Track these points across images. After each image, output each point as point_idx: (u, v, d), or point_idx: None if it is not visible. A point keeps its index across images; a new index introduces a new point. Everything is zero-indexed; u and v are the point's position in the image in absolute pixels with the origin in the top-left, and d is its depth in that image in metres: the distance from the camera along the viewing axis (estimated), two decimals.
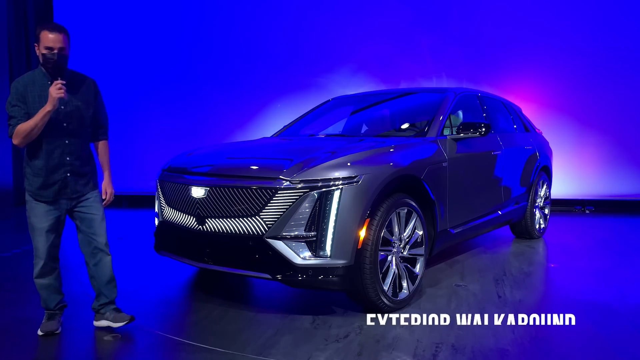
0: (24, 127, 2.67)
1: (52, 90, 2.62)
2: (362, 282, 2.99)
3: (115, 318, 2.96)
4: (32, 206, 2.82)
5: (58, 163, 2.79)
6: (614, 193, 7.97)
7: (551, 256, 4.93)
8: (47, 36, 2.66)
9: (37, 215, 2.80)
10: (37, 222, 2.80)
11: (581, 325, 3.02)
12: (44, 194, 2.79)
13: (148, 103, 8.96)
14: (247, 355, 2.60)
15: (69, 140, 2.82)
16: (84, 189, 2.91)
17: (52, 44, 2.67)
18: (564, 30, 8.00)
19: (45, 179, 2.78)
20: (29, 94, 2.72)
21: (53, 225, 2.84)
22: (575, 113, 8.01)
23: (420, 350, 2.64)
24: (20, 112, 2.70)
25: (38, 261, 2.84)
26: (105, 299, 3.00)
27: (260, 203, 2.96)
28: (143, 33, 8.99)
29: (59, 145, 2.79)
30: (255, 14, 8.83)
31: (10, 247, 5.33)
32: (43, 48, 2.67)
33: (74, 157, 2.84)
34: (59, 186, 2.81)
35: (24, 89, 2.72)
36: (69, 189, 2.84)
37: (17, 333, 2.97)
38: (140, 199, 8.73)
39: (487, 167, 4.49)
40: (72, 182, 2.85)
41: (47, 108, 2.64)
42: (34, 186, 2.79)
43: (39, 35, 2.68)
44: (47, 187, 2.79)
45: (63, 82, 2.66)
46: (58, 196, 2.82)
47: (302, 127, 4.86)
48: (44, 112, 2.65)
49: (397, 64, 8.43)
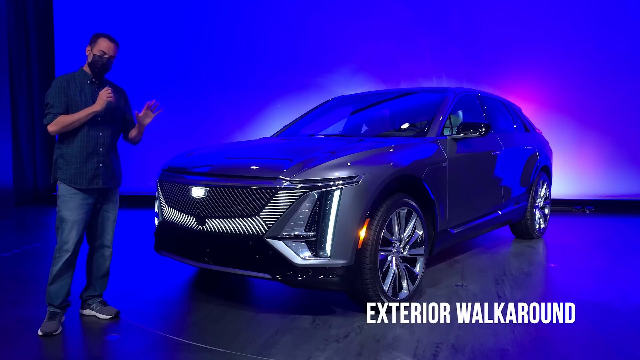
0: (67, 119, 2.88)
1: (103, 93, 2.93)
2: (362, 282, 2.99)
3: (102, 310, 3.15)
4: (65, 199, 2.95)
5: (92, 152, 2.98)
6: (614, 193, 7.97)
7: (551, 256, 4.93)
8: (104, 42, 2.99)
9: (71, 207, 2.94)
10: (70, 215, 2.93)
11: (581, 325, 3.02)
12: (79, 180, 2.94)
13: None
14: (247, 355, 2.60)
15: (103, 133, 3.03)
16: (112, 183, 3.10)
17: (106, 50, 2.99)
18: (564, 30, 8.00)
19: (80, 166, 2.95)
20: (71, 88, 2.95)
21: (84, 218, 2.99)
22: (575, 113, 8.02)
23: (420, 350, 2.64)
24: (61, 103, 2.90)
25: (63, 254, 2.93)
26: (95, 291, 3.18)
27: (260, 203, 2.96)
28: (143, 33, 8.99)
29: (94, 136, 2.99)
30: (256, 15, 8.83)
31: (10, 247, 5.33)
32: (97, 50, 2.97)
33: (106, 149, 3.05)
34: (92, 174, 2.98)
35: (67, 83, 2.95)
36: (100, 179, 3.01)
37: (17, 333, 2.97)
38: (140, 199, 8.72)
39: (487, 167, 4.49)
40: (104, 173, 3.03)
41: (95, 108, 2.92)
42: (68, 173, 2.94)
43: (96, 40, 2.99)
44: (81, 175, 2.95)
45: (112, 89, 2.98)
46: (91, 185, 2.98)
47: (302, 127, 4.85)
48: (90, 110, 2.91)
49: (397, 64, 8.43)
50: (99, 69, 3.01)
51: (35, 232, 6.48)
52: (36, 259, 4.87)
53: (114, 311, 3.15)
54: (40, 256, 4.95)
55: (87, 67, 3.05)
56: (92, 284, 3.18)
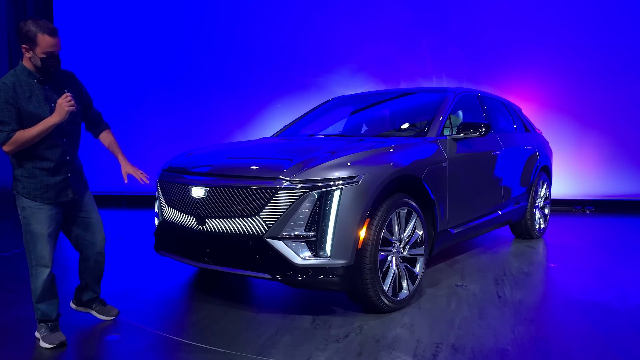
0: (24, 136, 2.52)
1: (63, 102, 2.55)
2: (362, 282, 2.99)
3: (102, 311, 3.08)
4: (32, 212, 2.66)
5: (59, 163, 2.69)
6: (614, 193, 7.97)
7: (551, 256, 4.93)
8: (47, 40, 2.51)
9: (40, 220, 2.66)
10: (40, 228, 2.66)
11: (581, 325, 3.03)
12: (45, 195, 2.67)
13: (148, 103, 8.96)
14: (247, 355, 2.60)
15: (67, 139, 2.73)
16: (83, 188, 2.88)
17: (53, 48, 2.54)
18: (564, 31, 8.00)
19: (45, 179, 2.66)
20: (19, 95, 2.54)
21: (55, 229, 2.74)
22: (575, 113, 8.01)
23: (420, 350, 2.64)
24: (12, 117, 2.52)
25: (42, 270, 2.68)
26: (93, 293, 3.07)
27: (260, 203, 2.96)
28: (143, 33, 8.99)
29: (59, 145, 2.68)
30: (256, 14, 8.83)
31: (10, 247, 5.33)
32: (41, 52, 2.52)
33: (73, 156, 2.78)
34: (61, 186, 2.71)
35: (14, 90, 2.53)
36: (70, 190, 2.76)
37: (17, 333, 2.97)
38: (140, 199, 8.73)
39: (487, 167, 4.49)
40: (74, 181, 2.78)
41: (54, 120, 2.55)
42: (31, 187, 2.65)
43: (35, 38, 2.50)
44: (48, 189, 2.67)
45: (71, 95, 2.59)
46: (59, 198, 2.72)
47: (302, 127, 4.85)
48: (50, 123, 2.55)
49: (397, 64, 8.43)
50: (53, 71, 2.62)
51: None
52: None
53: (115, 312, 3.11)
54: None
55: (29, 64, 2.59)
56: (88, 286, 3.05)
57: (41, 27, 2.51)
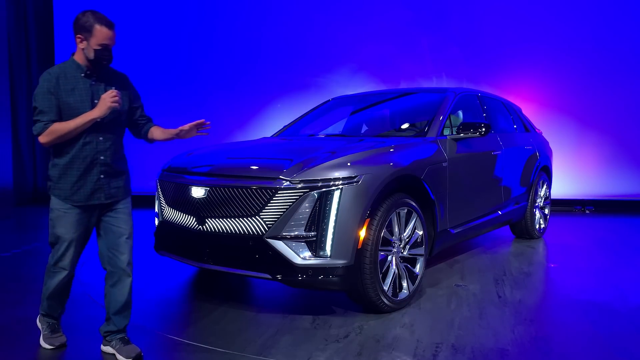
0: (61, 128, 2.40)
1: (107, 98, 2.42)
2: (362, 282, 2.99)
3: (121, 350, 2.60)
4: (59, 215, 2.53)
5: (91, 162, 2.51)
6: (614, 193, 7.97)
7: (551, 256, 4.93)
8: (104, 32, 2.46)
9: (65, 225, 2.52)
10: (65, 233, 2.52)
11: (581, 325, 3.03)
12: (75, 196, 2.50)
13: (148, 103, 8.91)
14: (247, 355, 2.60)
15: (104, 137, 2.53)
16: (118, 193, 2.63)
17: (108, 41, 2.48)
18: (564, 31, 8.00)
19: (76, 179, 2.50)
20: (61, 87, 2.44)
21: (82, 235, 2.58)
22: (575, 113, 8.01)
23: (420, 350, 2.64)
24: (52, 107, 2.41)
25: (59, 271, 2.59)
26: (114, 326, 2.66)
27: (260, 203, 2.96)
28: (143, 33, 8.98)
29: (92, 141, 2.50)
30: (255, 14, 8.83)
31: (10, 247, 5.33)
32: (96, 44, 2.45)
33: (108, 156, 2.56)
34: (91, 188, 2.52)
35: (56, 80, 2.44)
36: (102, 193, 2.55)
37: (17, 333, 2.97)
38: (140, 199, 8.71)
39: (487, 167, 4.49)
40: (106, 184, 2.56)
41: (94, 114, 2.42)
42: (62, 187, 2.51)
43: (92, 28, 2.45)
44: (78, 189, 2.50)
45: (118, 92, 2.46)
46: (90, 200, 2.53)
47: (302, 127, 4.85)
48: (89, 117, 2.42)
49: (397, 64, 8.43)
50: (105, 64, 2.53)
51: (35, 232, 6.47)
52: (36, 259, 4.87)
53: (136, 351, 2.60)
54: (40, 256, 4.94)
55: (80, 57, 2.52)
56: (109, 317, 2.67)
57: (99, 19, 2.50)
